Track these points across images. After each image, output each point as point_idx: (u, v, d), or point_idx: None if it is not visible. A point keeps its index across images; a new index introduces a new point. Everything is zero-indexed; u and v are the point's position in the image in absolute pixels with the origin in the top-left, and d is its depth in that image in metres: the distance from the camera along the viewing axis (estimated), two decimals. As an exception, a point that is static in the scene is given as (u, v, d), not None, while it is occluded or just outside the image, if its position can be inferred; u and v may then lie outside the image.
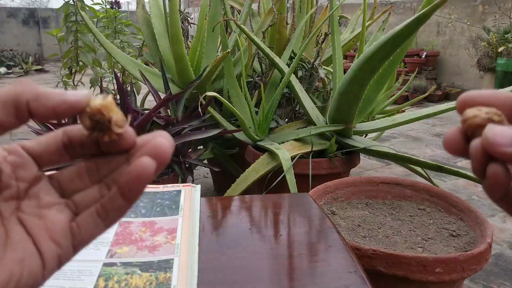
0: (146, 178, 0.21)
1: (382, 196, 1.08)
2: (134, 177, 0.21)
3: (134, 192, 0.22)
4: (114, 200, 0.22)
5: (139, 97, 1.97)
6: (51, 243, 0.22)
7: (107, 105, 0.22)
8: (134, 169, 0.21)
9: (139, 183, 0.21)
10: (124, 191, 0.22)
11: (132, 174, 0.21)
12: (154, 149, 0.22)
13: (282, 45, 1.70)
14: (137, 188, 0.22)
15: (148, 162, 0.21)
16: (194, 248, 0.48)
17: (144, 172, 0.21)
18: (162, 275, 0.42)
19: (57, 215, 0.23)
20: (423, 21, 0.97)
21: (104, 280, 0.41)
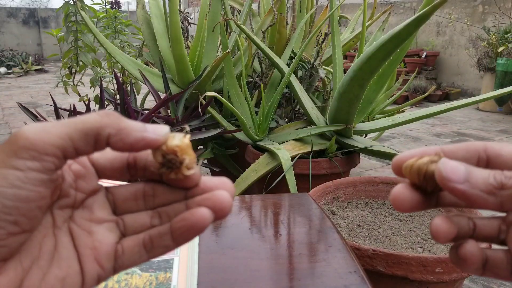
0: (200, 229, 0.21)
1: (382, 196, 1.08)
2: (189, 225, 0.21)
3: (185, 238, 0.22)
4: (164, 237, 0.22)
5: (139, 97, 1.97)
6: (95, 264, 0.22)
7: (183, 147, 0.22)
8: (191, 218, 0.21)
9: (192, 231, 0.22)
10: (176, 234, 0.22)
11: (188, 222, 0.21)
12: (216, 203, 0.22)
13: (282, 45, 1.70)
14: (188, 235, 0.22)
15: (206, 215, 0.21)
16: (194, 248, 0.48)
17: (200, 223, 0.21)
18: (162, 275, 0.42)
19: (105, 234, 0.23)
20: (423, 21, 0.97)
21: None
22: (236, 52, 1.78)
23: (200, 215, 0.21)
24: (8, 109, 3.97)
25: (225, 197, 0.22)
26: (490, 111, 4.07)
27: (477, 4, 4.74)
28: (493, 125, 3.53)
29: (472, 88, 4.87)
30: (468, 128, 3.40)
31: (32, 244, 0.21)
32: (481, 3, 4.69)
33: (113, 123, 0.21)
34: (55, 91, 4.01)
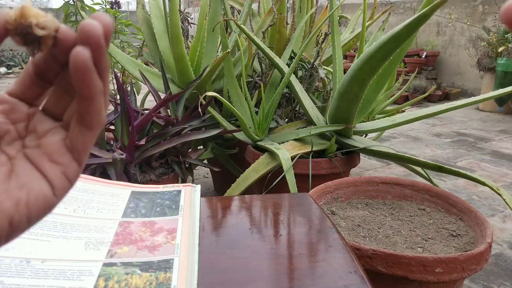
0: (84, 68, 0.21)
1: (382, 196, 1.08)
2: (74, 73, 0.21)
3: (84, 86, 0.22)
4: (80, 103, 0.23)
5: (139, 97, 1.97)
6: (52, 164, 0.24)
7: (23, 12, 0.20)
8: (70, 66, 0.21)
9: (81, 76, 0.21)
10: (78, 90, 0.22)
11: (71, 71, 0.21)
12: (82, 34, 0.21)
13: (282, 45, 1.70)
14: (84, 82, 0.22)
15: (78, 51, 0.21)
16: (194, 248, 0.48)
17: (78, 63, 0.21)
18: (162, 275, 0.42)
19: (51, 138, 0.24)
20: (423, 21, 0.97)
21: (104, 280, 0.41)
22: (236, 52, 1.78)
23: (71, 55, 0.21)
24: (8, 109, 3.96)
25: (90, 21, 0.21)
26: (490, 111, 4.07)
27: (477, 4, 4.74)
28: (493, 125, 3.53)
29: (472, 88, 4.87)
30: (468, 128, 3.40)
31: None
32: (481, 3, 4.69)
33: None
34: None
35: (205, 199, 0.64)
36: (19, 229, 0.23)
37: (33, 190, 0.23)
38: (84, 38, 0.21)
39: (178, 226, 0.52)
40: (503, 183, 2.16)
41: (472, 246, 0.84)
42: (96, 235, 0.49)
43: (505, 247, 1.52)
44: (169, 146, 1.26)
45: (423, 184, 1.07)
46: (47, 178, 0.24)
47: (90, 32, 0.21)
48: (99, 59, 0.21)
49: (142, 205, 0.57)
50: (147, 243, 0.48)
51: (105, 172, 1.18)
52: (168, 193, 0.61)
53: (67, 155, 0.24)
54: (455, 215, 0.98)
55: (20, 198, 0.22)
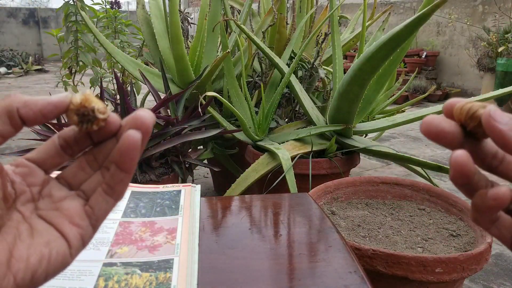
0: (135, 147, 0.24)
1: (382, 196, 1.08)
2: (125, 149, 0.24)
3: (129, 162, 0.25)
4: (115, 175, 0.26)
5: (139, 97, 1.97)
6: (72, 226, 0.26)
7: (87, 98, 0.25)
8: (123, 143, 0.24)
9: (130, 152, 0.24)
10: (120, 164, 0.25)
11: (123, 147, 0.24)
12: (135, 121, 0.25)
13: (282, 45, 1.70)
14: (130, 158, 0.25)
15: (133, 133, 0.24)
16: (194, 248, 0.48)
17: (131, 142, 0.24)
18: (162, 275, 0.42)
19: (70, 203, 0.26)
20: (423, 21, 0.97)
21: (104, 280, 0.41)
22: (236, 52, 1.78)
23: (127, 136, 0.24)
24: (8, 109, 3.96)
25: (142, 113, 0.25)
26: (490, 111, 4.07)
27: (477, 4, 4.74)
28: (493, 125, 3.52)
29: (472, 88, 4.87)
30: (468, 128, 3.40)
31: (8, 230, 0.24)
32: (481, 3, 4.69)
33: (17, 99, 0.24)
34: (55, 91, 4.01)
35: (205, 199, 0.64)
36: (37, 284, 0.24)
37: (55, 248, 0.25)
38: (138, 124, 0.25)
39: (178, 226, 0.52)
40: (503, 183, 2.16)
41: (472, 246, 0.84)
42: (96, 235, 0.49)
43: (505, 247, 1.51)
44: (169, 146, 1.26)
45: (423, 184, 1.07)
46: (67, 239, 0.25)
47: (144, 120, 0.25)
48: (143, 143, 0.25)
49: (142, 205, 0.57)
50: (147, 243, 0.48)
51: (105, 172, 1.18)
52: (168, 193, 0.61)
53: (86, 220, 0.26)
54: (455, 215, 0.98)
55: (44, 254, 0.24)
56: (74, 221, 0.26)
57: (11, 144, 2.78)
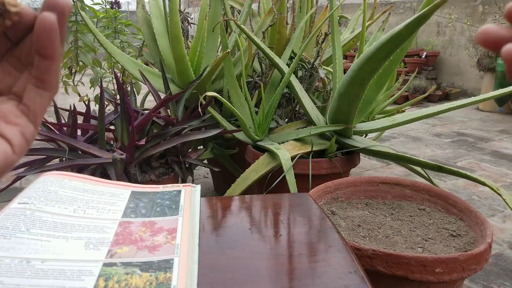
0: (51, 27, 0.23)
1: (382, 196, 1.08)
2: (41, 31, 0.23)
3: (49, 45, 0.24)
4: (40, 65, 0.25)
5: (139, 97, 1.97)
6: (8, 125, 0.25)
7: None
8: (38, 26, 0.23)
9: (48, 34, 0.24)
10: (40, 50, 0.24)
11: (39, 30, 0.24)
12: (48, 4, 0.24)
13: (282, 45, 1.70)
14: (49, 40, 0.24)
15: (46, 13, 0.23)
16: (194, 248, 0.48)
17: (46, 22, 0.23)
18: (162, 275, 0.42)
19: (2, 106, 0.26)
20: (423, 21, 0.97)
21: (104, 280, 0.41)
22: (236, 52, 1.78)
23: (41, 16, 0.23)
24: (8, 109, 3.96)
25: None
26: (490, 111, 4.07)
27: (477, 4, 4.74)
28: (493, 125, 3.53)
29: (472, 88, 4.87)
30: (468, 128, 3.40)
31: None
32: (481, 3, 4.69)
33: None
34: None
35: (205, 199, 0.64)
36: None
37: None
38: (51, 6, 0.24)
39: (178, 226, 0.52)
40: (503, 183, 2.16)
41: (472, 246, 0.84)
42: (96, 235, 0.49)
43: (505, 247, 1.52)
44: (169, 146, 1.26)
45: (423, 184, 1.07)
46: (5, 138, 0.25)
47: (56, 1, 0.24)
48: (61, 25, 0.24)
49: (142, 205, 0.57)
50: (147, 243, 0.48)
51: (105, 172, 1.18)
52: (168, 193, 0.61)
53: (23, 117, 0.26)
54: (455, 215, 0.98)
55: None
56: (10, 120, 0.25)
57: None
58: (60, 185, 0.56)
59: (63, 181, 0.57)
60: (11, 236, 0.45)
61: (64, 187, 0.56)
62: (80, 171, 1.18)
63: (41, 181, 0.56)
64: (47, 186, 0.55)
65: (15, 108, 0.26)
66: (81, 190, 0.57)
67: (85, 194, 0.56)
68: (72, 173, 0.60)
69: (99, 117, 1.21)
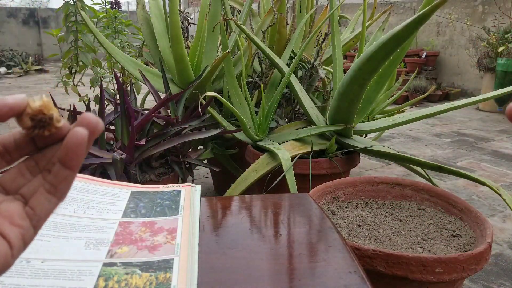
0: (81, 143, 0.24)
1: (382, 196, 1.08)
2: (71, 145, 0.24)
3: (75, 158, 0.25)
4: (59, 173, 0.25)
5: (139, 97, 1.97)
6: (12, 226, 0.25)
7: (47, 105, 0.24)
8: (69, 138, 0.24)
9: (77, 148, 0.24)
10: (65, 161, 0.25)
11: (69, 143, 0.24)
12: (83, 120, 0.25)
13: (282, 45, 1.70)
14: (76, 154, 0.24)
15: (80, 129, 0.24)
16: (194, 248, 0.48)
17: (79, 137, 0.24)
18: (162, 275, 0.42)
19: (9, 205, 0.25)
20: (423, 21, 0.97)
21: (104, 280, 0.41)
22: (236, 52, 1.78)
23: (74, 132, 0.24)
24: (8, 109, 3.95)
25: (89, 114, 0.25)
26: (490, 111, 4.07)
27: (477, 4, 4.74)
28: (493, 125, 3.52)
29: (472, 88, 4.87)
30: (468, 128, 3.40)
31: None
32: (481, 3, 4.69)
33: None
34: (55, 91, 4.01)
35: (205, 199, 0.64)
36: None
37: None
38: (84, 123, 0.25)
39: (178, 226, 0.52)
40: (503, 183, 2.16)
41: (472, 246, 0.84)
42: (96, 235, 0.49)
43: (505, 247, 1.52)
44: (169, 146, 1.26)
45: (423, 184, 1.07)
46: (8, 240, 0.24)
47: (92, 121, 0.25)
48: (88, 143, 0.25)
49: (142, 205, 0.57)
50: (147, 243, 0.48)
51: (105, 172, 1.18)
52: (168, 193, 0.61)
53: (27, 221, 0.25)
54: (455, 215, 0.98)
55: None
56: (15, 221, 0.25)
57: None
58: (60, 185, 0.56)
59: (63, 181, 0.57)
60: (11, 236, 0.45)
61: (64, 187, 0.56)
62: (80, 171, 1.17)
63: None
64: (47, 186, 0.55)
65: (21, 209, 0.25)
66: (81, 190, 0.57)
67: (85, 194, 0.56)
68: (72, 173, 0.60)
69: (99, 117, 1.21)
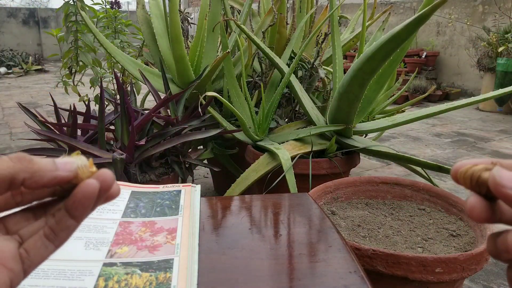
0: (91, 196, 0.24)
1: (382, 196, 1.08)
2: (81, 196, 0.24)
3: (82, 210, 0.24)
4: (62, 221, 0.24)
5: (139, 97, 1.97)
6: (3, 268, 0.23)
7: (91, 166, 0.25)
8: (79, 190, 0.24)
9: (85, 201, 0.24)
10: (72, 211, 0.24)
11: (79, 193, 0.24)
12: (99, 175, 0.24)
13: (282, 45, 1.70)
14: (83, 206, 0.24)
15: (92, 182, 0.24)
16: (194, 248, 0.48)
17: (89, 190, 0.24)
18: (162, 275, 0.42)
19: (3, 244, 0.24)
20: (423, 21, 0.97)
21: (104, 280, 0.41)
22: (236, 52, 1.78)
23: (86, 184, 0.24)
24: (8, 109, 3.97)
25: (104, 170, 0.25)
26: (490, 111, 4.07)
27: (477, 4, 4.74)
28: (493, 125, 3.53)
29: (472, 88, 4.87)
30: (468, 128, 3.40)
31: None
32: (481, 3, 4.69)
33: (26, 168, 0.23)
34: (55, 91, 4.01)
35: (205, 199, 0.64)
36: None
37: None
38: (100, 178, 0.25)
39: (178, 226, 0.52)
40: None
41: (472, 246, 0.84)
42: (96, 235, 0.49)
43: (505, 247, 1.51)
44: (169, 146, 1.26)
45: (423, 184, 1.07)
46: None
47: (106, 176, 0.25)
48: (98, 198, 0.25)
49: (142, 205, 0.57)
50: (147, 243, 0.48)
51: (105, 172, 1.17)
52: (168, 193, 0.61)
53: (19, 264, 0.24)
54: (455, 215, 0.98)
55: None
56: (7, 264, 0.23)
57: (11, 144, 2.78)
58: (60, 185, 0.56)
59: (63, 181, 0.57)
60: (11, 236, 0.45)
61: (64, 187, 0.56)
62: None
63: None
64: (47, 186, 0.55)
65: (16, 250, 0.24)
66: (81, 190, 0.57)
67: (85, 194, 0.56)
68: (72, 173, 0.60)
69: (99, 117, 1.21)
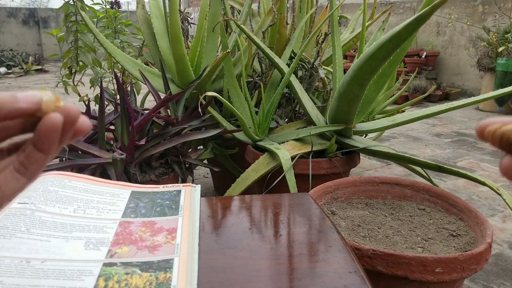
0: (54, 129, 0.24)
1: (382, 196, 1.08)
2: (44, 129, 0.24)
3: (47, 144, 0.25)
4: (31, 155, 0.25)
5: (139, 97, 1.97)
6: None
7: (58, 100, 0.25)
8: (42, 123, 0.24)
9: (50, 134, 0.24)
10: (38, 144, 0.25)
11: (42, 127, 0.24)
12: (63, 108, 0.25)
13: (282, 45, 1.70)
14: (48, 140, 0.24)
15: (55, 115, 0.24)
16: (194, 248, 0.48)
17: (52, 123, 0.24)
18: (162, 275, 0.42)
19: None
20: (423, 21, 0.97)
21: (104, 280, 0.41)
22: (236, 52, 1.78)
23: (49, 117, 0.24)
24: (8, 109, 3.96)
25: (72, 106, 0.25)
26: (490, 111, 4.07)
27: (477, 4, 4.74)
28: (493, 125, 3.52)
29: (472, 88, 4.87)
30: (468, 128, 3.40)
31: None
32: (481, 3, 4.69)
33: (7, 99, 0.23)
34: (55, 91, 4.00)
35: (205, 199, 0.64)
36: None
37: None
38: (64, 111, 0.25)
39: (178, 226, 0.52)
40: (503, 183, 2.16)
41: (472, 246, 0.84)
42: (96, 235, 0.49)
43: (505, 247, 1.52)
44: (169, 146, 1.26)
45: (423, 184, 1.07)
46: None
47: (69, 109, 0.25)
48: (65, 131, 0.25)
49: (142, 205, 0.57)
50: (147, 243, 0.48)
51: (105, 172, 1.18)
52: (168, 193, 0.61)
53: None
54: (455, 215, 0.98)
55: None
56: None
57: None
58: (60, 185, 0.56)
59: (63, 181, 0.57)
60: (11, 236, 0.45)
61: (64, 187, 0.56)
62: (80, 171, 1.18)
63: (41, 181, 0.56)
64: (47, 186, 0.55)
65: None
66: (81, 190, 0.57)
67: (85, 194, 0.56)
68: (72, 173, 0.60)
69: (99, 117, 1.21)
